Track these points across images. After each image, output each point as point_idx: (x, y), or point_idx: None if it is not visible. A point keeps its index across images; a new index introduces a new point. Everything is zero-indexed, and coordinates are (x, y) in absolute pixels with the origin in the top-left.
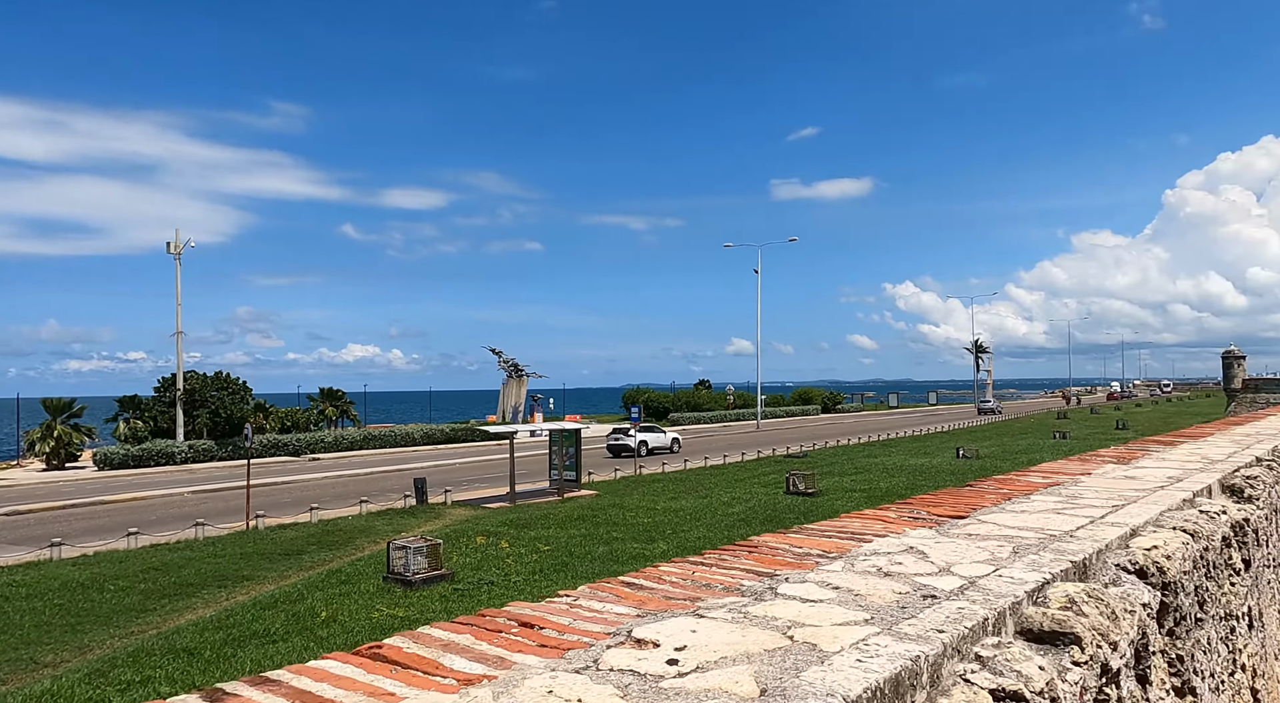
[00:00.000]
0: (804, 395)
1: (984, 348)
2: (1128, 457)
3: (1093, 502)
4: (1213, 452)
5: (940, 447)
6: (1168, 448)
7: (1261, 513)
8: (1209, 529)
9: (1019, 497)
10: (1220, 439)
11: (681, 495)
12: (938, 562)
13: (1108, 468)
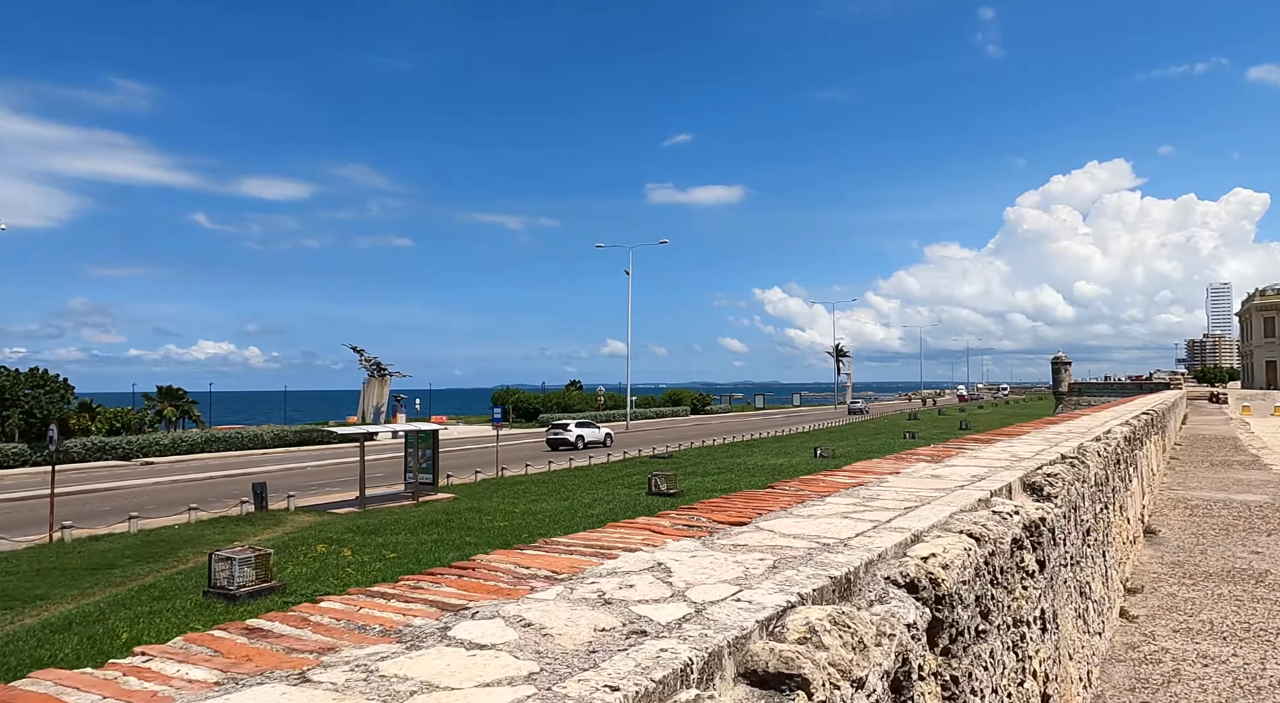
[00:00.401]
0: (674, 397)
1: (844, 352)
2: (942, 455)
3: (888, 503)
4: (1023, 449)
5: (800, 447)
6: (984, 446)
7: (1060, 511)
8: (998, 532)
9: (815, 499)
10: (1033, 438)
11: (544, 498)
12: (678, 583)
13: (918, 467)
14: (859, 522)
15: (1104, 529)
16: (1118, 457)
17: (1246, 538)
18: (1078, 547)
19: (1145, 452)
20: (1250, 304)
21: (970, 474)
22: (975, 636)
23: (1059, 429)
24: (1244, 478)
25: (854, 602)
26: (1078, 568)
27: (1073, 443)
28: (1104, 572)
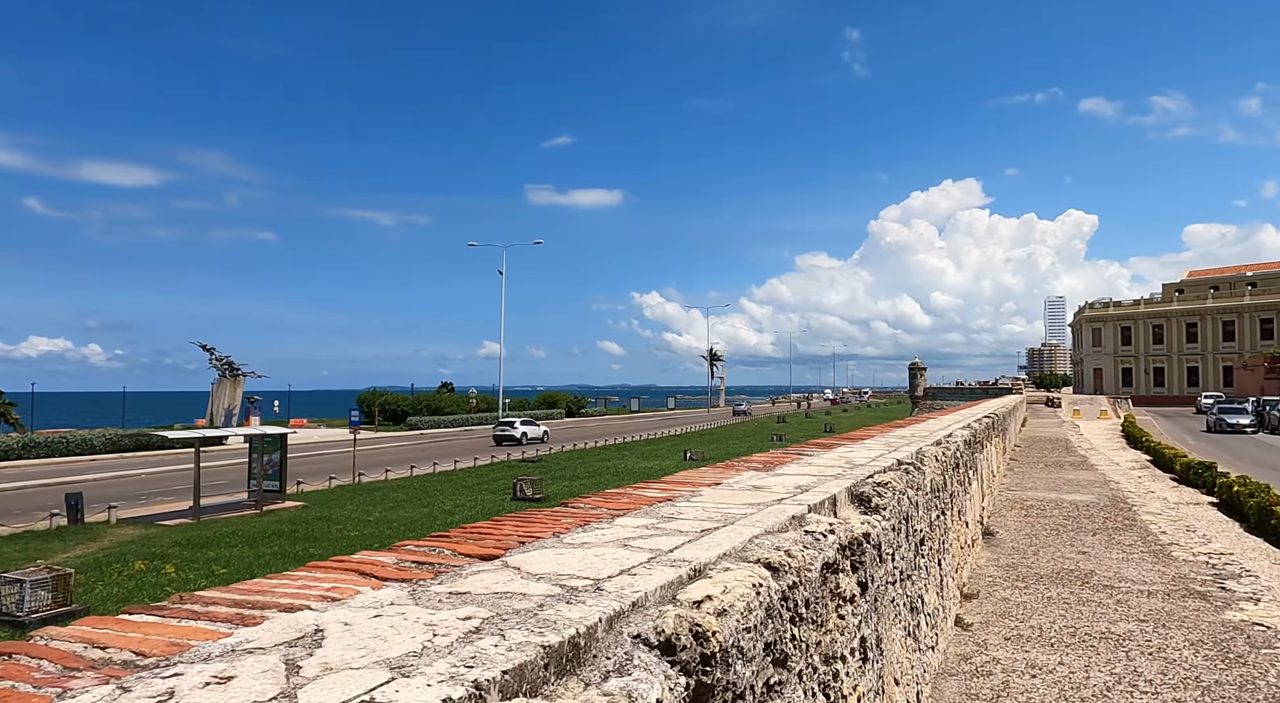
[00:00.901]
0: (549, 399)
1: (718, 356)
2: (775, 462)
3: (686, 525)
4: (861, 455)
5: (672, 449)
6: (823, 451)
7: (889, 524)
8: (804, 558)
9: (602, 521)
10: (876, 442)
11: (402, 504)
12: (311, 669)
13: (745, 476)
14: (637, 552)
15: (941, 537)
16: (957, 461)
17: (1075, 538)
18: (910, 559)
19: (986, 454)
20: (1081, 316)
21: (796, 485)
22: (766, 692)
23: (903, 433)
24: (1074, 478)
25: (581, 675)
26: (909, 582)
27: (913, 447)
28: (939, 581)
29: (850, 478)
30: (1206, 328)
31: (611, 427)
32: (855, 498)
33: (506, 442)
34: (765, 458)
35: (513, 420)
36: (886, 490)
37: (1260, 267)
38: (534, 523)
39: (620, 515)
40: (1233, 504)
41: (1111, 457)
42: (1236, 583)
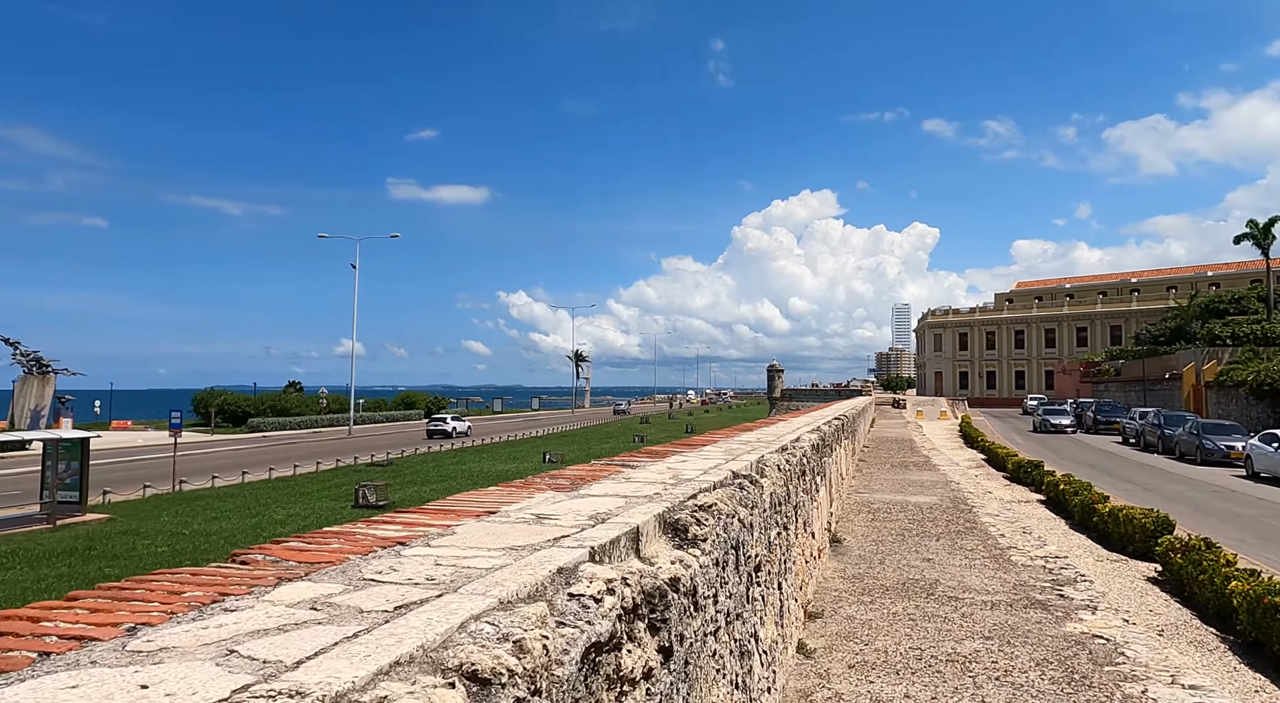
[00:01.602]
0: (407, 400)
1: (583, 357)
2: (586, 478)
3: (382, 595)
4: (695, 466)
5: (532, 451)
6: (654, 460)
7: (711, 558)
8: (553, 647)
9: (254, 590)
10: (716, 449)
11: (228, 514)
12: None
13: (536, 500)
14: (231, 672)
15: (783, 556)
16: (804, 468)
17: (920, 544)
18: (741, 594)
19: (835, 458)
20: (924, 323)
21: (594, 512)
22: None
23: (750, 438)
24: (918, 479)
25: None
26: (738, 623)
27: (755, 455)
28: (780, 608)
29: (669, 499)
30: (1032, 335)
31: (474, 429)
32: (668, 528)
33: (438, 435)
34: (577, 472)
35: (445, 417)
36: (710, 515)
37: (1075, 280)
38: (182, 588)
39: (294, 580)
40: (1058, 502)
41: (951, 456)
42: (1073, 589)
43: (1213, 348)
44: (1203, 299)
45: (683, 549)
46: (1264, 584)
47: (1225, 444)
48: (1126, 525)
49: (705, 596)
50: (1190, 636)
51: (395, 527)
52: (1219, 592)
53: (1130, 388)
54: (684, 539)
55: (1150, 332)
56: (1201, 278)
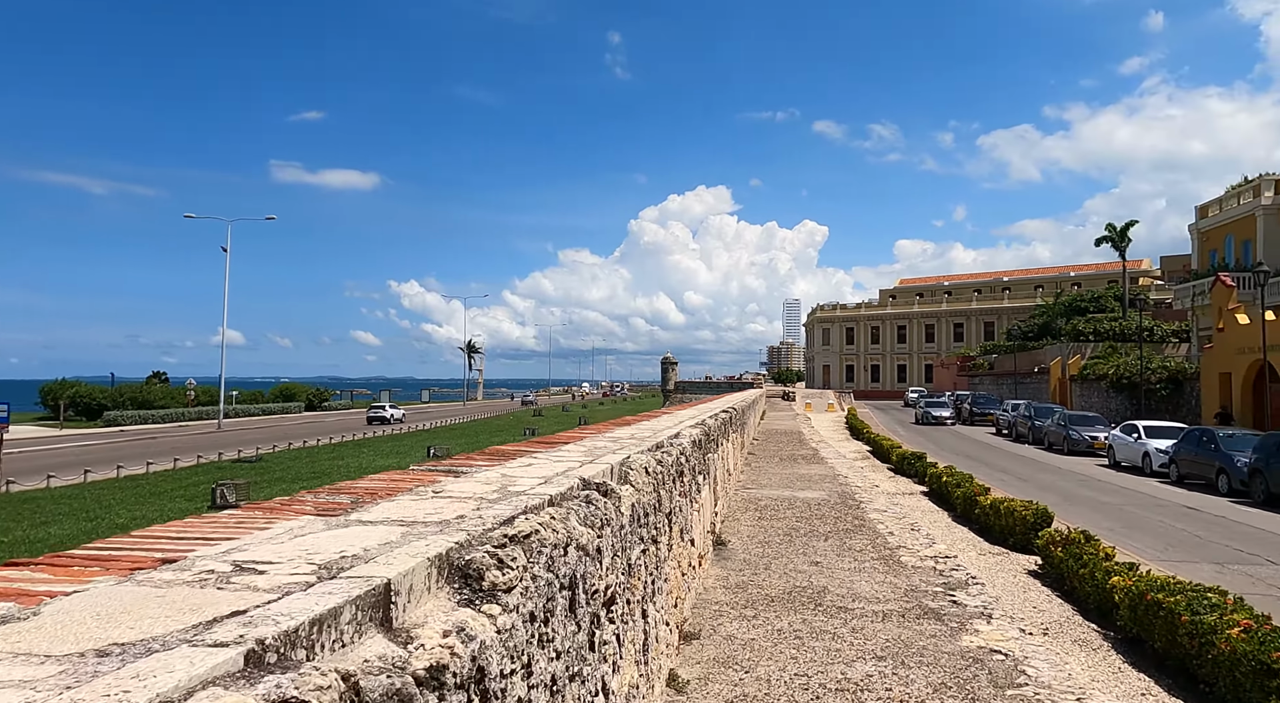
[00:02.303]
0: (286, 392)
1: (476, 348)
2: (381, 492)
3: None
4: (539, 471)
5: (417, 445)
6: (492, 464)
7: (519, 616)
8: None
9: None
10: (576, 449)
11: (60, 519)
12: None
13: (265, 534)
14: None
15: (650, 576)
16: (681, 468)
17: (808, 545)
18: (580, 644)
19: (722, 453)
20: (813, 318)
21: (339, 555)
22: None
23: (622, 434)
24: (806, 473)
25: None
26: (577, 683)
27: (622, 454)
28: (645, 639)
29: (472, 526)
30: (913, 330)
31: (354, 422)
32: (455, 574)
33: (377, 421)
34: (373, 484)
35: (384, 405)
36: (523, 550)
37: (953, 278)
38: None
39: None
40: (941, 494)
41: (838, 448)
42: (966, 594)
43: (1076, 343)
44: (1066, 298)
45: (474, 605)
46: (1144, 580)
47: (1089, 435)
48: (1007, 518)
49: (507, 673)
50: (1074, 633)
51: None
52: (1100, 587)
53: (1003, 381)
54: (478, 590)
55: (1020, 328)
56: (1065, 278)
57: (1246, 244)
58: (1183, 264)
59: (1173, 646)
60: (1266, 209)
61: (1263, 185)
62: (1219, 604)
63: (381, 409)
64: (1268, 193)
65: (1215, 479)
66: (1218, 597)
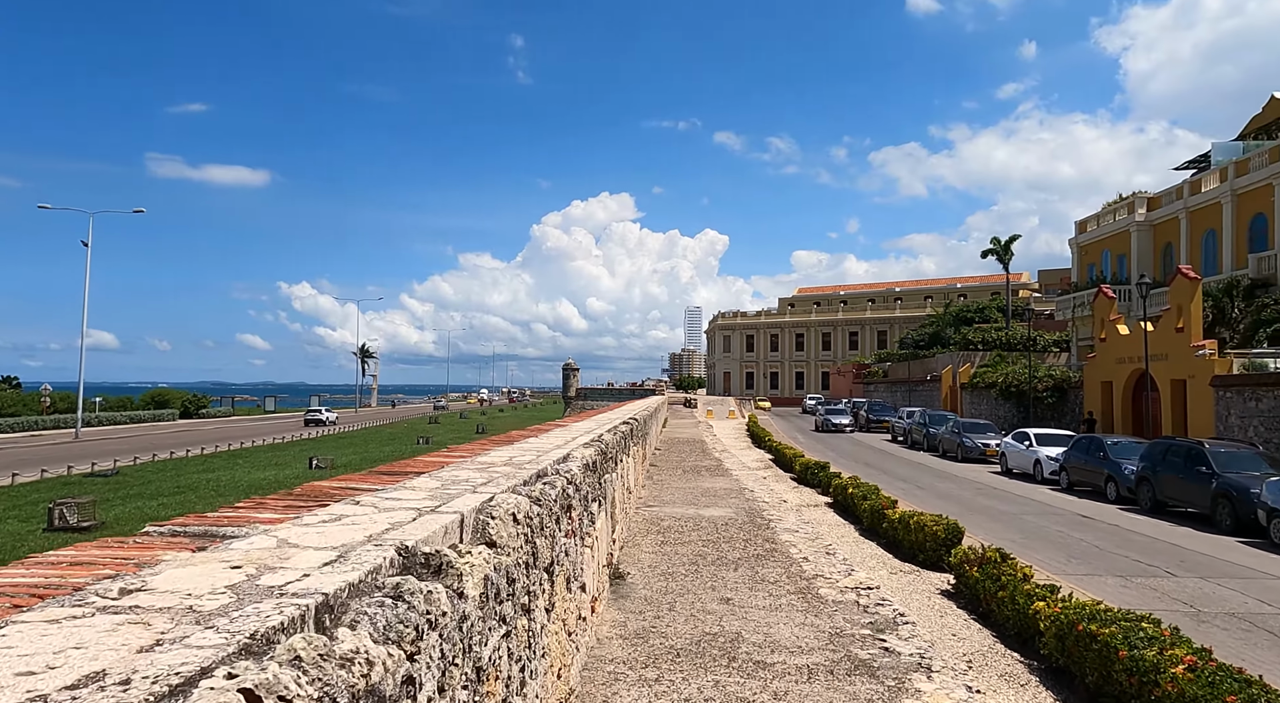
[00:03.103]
0: (159, 398)
1: (370, 353)
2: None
3: None
4: (338, 537)
5: (300, 455)
6: (288, 518)
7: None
8: None
9: None
10: (427, 484)
11: None
12: None
13: None
14: None
15: (515, 665)
16: (569, 502)
17: (717, 575)
18: None
19: (622, 470)
20: (714, 325)
21: None
22: None
23: (500, 455)
24: (711, 487)
25: None
26: None
27: (485, 494)
28: None
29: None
30: (810, 338)
31: (236, 430)
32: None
33: (313, 423)
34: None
35: (320, 409)
36: None
37: (848, 287)
38: None
39: None
40: (846, 506)
41: (741, 458)
42: (897, 637)
43: (966, 352)
44: (955, 308)
45: None
46: (1072, 608)
47: (982, 442)
48: (917, 534)
49: None
50: (1000, 667)
51: None
52: (1021, 612)
53: (896, 388)
54: None
55: (913, 337)
56: (952, 289)
57: (1121, 258)
58: (1060, 277)
59: (1107, 682)
60: (1139, 225)
61: (1136, 203)
62: (1156, 637)
63: (318, 413)
64: (1141, 210)
65: (1104, 487)
66: (1153, 628)
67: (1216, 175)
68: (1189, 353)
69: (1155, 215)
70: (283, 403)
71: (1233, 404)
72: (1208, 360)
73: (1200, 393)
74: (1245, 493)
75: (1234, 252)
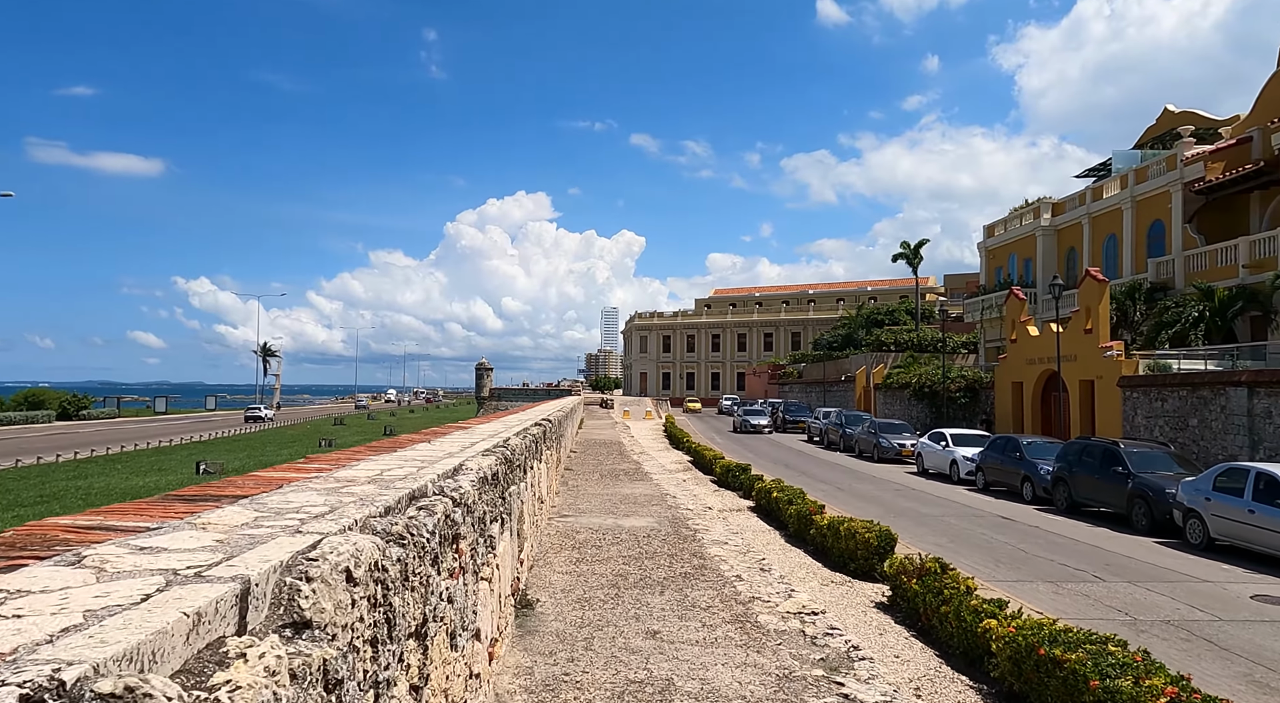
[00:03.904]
0: (33, 399)
1: (272, 352)
2: None
3: None
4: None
5: (187, 460)
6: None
7: None
8: None
9: None
10: (228, 518)
11: None
12: None
13: None
14: None
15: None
16: (454, 531)
17: (640, 601)
18: None
19: (533, 479)
20: (630, 325)
21: None
22: None
23: (366, 469)
24: (630, 493)
25: None
26: None
27: (308, 537)
28: None
29: None
30: (726, 339)
31: (122, 432)
32: None
33: (253, 419)
34: None
35: (260, 407)
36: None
37: (763, 289)
38: None
39: None
40: (769, 510)
41: (660, 460)
42: (854, 678)
43: (879, 353)
44: (866, 311)
45: None
46: (1028, 629)
47: (898, 443)
48: (848, 541)
49: None
50: (951, 694)
51: None
52: (968, 630)
53: (811, 389)
54: None
55: (826, 338)
56: (863, 292)
57: (1028, 262)
58: (966, 282)
59: None
60: (1044, 230)
61: (1041, 208)
62: (1129, 663)
63: (258, 410)
64: (1046, 215)
65: (1020, 487)
66: (1122, 652)
67: (1117, 182)
68: (1097, 354)
69: (1060, 220)
70: (176, 404)
71: (1139, 404)
72: (1115, 361)
73: (1108, 393)
74: (1161, 493)
75: (1134, 256)
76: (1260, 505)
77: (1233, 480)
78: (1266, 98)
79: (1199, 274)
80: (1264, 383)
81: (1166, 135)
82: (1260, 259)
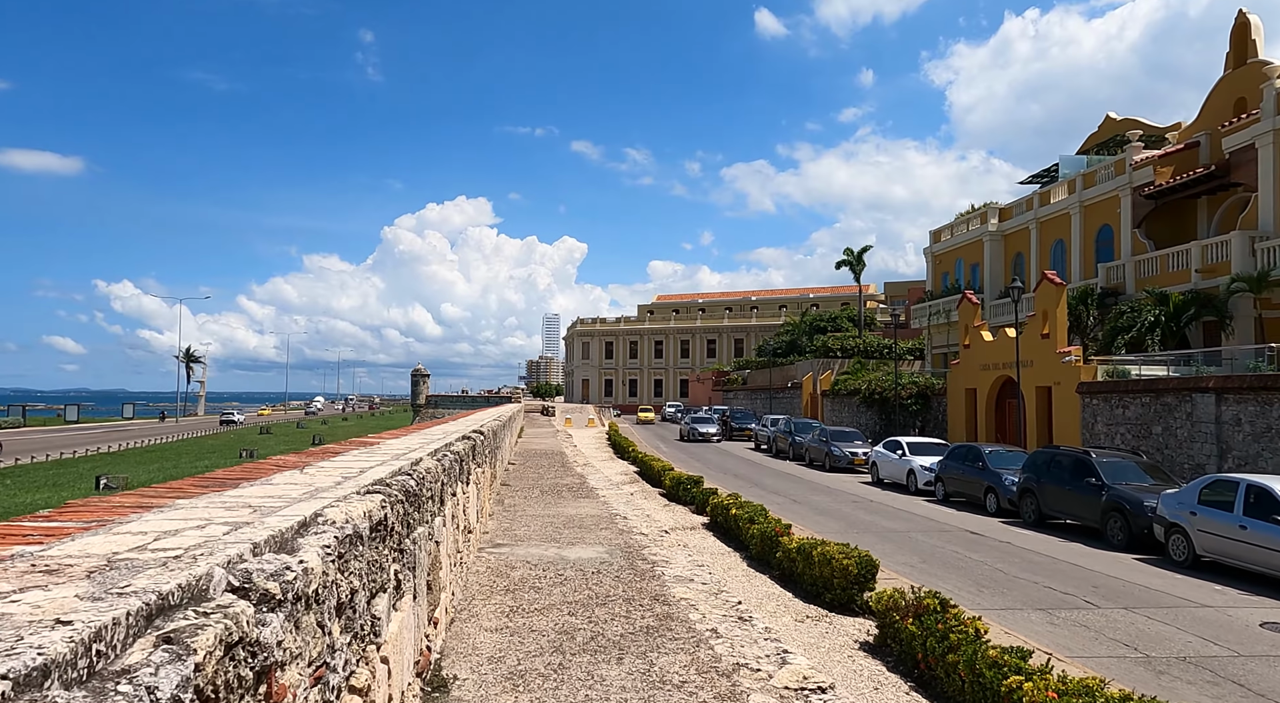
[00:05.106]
0: None
1: (197, 358)
2: None
3: None
4: None
5: (89, 473)
6: None
7: None
8: None
9: None
10: None
11: None
12: None
13: None
14: None
15: None
16: (339, 600)
17: (592, 676)
18: None
19: (455, 507)
20: (572, 331)
21: None
22: None
23: (149, 526)
24: (576, 513)
25: None
26: None
27: None
28: None
29: None
30: (669, 345)
31: (22, 443)
32: None
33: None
34: None
35: (232, 411)
36: None
37: (705, 296)
38: None
39: None
40: (726, 528)
41: (605, 472)
42: None
43: (825, 360)
44: (809, 318)
45: None
46: (1077, 694)
47: (850, 451)
48: (823, 567)
49: None
50: None
51: None
52: (988, 689)
53: (756, 396)
54: None
55: (771, 345)
56: (805, 299)
57: (975, 267)
58: (907, 289)
59: None
60: (992, 235)
61: (988, 213)
62: None
63: (231, 414)
64: (993, 220)
65: (984, 498)
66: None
67: (1065, 187)
68: (1055, 359)
69: (1006, 226)
70: (92, 412)
71: (1099, 411)
72: (1073, 367)
73: (1066, 400)
74: (1139, 507)
75: (1083, 261)
76: (1252, 521)
77: (1221, 494)
78: (1213, 103)
79: (1150, 279)
80: (1233, 389)
81: (1110, 141)
82: (1213, 264)
